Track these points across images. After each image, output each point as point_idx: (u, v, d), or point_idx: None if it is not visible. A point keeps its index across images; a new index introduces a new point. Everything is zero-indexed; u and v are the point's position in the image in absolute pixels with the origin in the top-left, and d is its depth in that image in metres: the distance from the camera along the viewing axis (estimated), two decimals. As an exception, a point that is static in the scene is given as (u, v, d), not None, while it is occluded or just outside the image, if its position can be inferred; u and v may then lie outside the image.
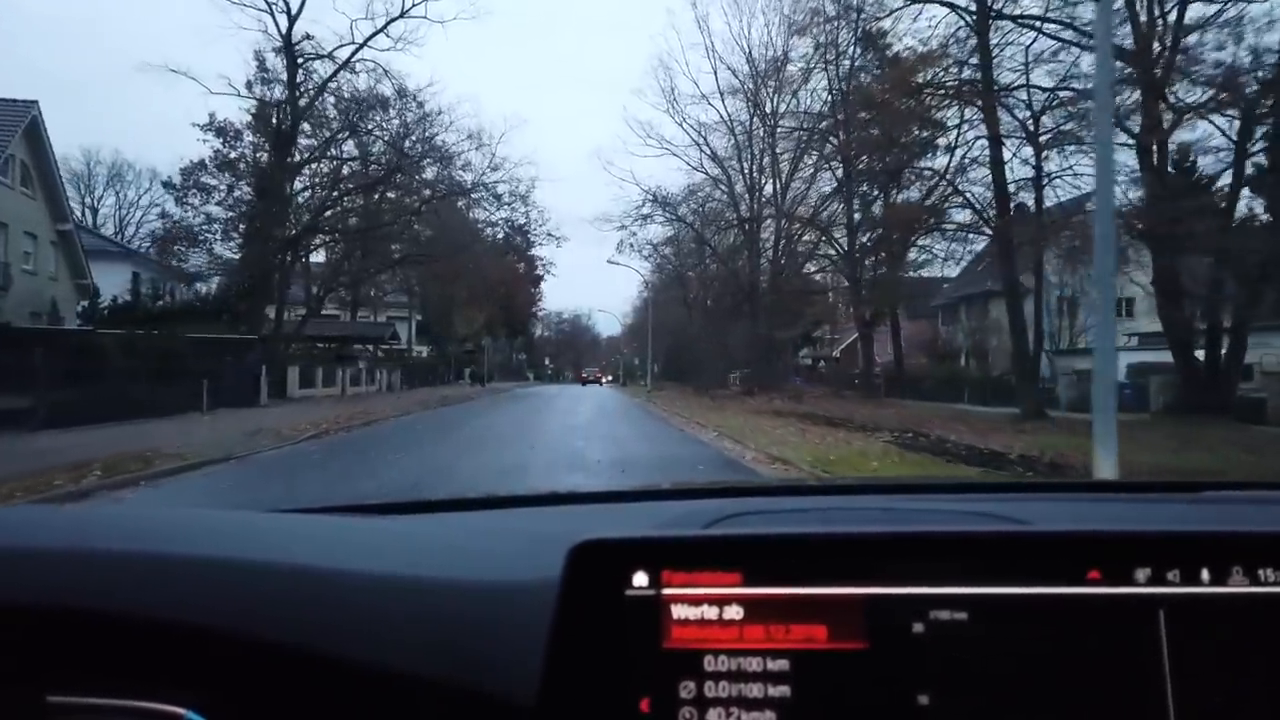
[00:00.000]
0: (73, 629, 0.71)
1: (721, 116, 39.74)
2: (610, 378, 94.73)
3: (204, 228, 30.51)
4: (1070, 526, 0.74)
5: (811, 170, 37.87)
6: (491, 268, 58.45)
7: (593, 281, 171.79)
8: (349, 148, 34.06)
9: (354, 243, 37.25)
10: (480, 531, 1.05)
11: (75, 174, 54.85)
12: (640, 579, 0.67)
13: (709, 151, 40.54)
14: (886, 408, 27.89)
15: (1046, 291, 36.46)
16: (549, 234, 60.59)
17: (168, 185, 30.71)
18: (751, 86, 37.96)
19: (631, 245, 46.49)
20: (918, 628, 0.66)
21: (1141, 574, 0.67)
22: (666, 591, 0.66)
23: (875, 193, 34.98)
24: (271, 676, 0.71)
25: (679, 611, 0.66)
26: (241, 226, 29.90)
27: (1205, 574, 0.67)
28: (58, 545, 0.80)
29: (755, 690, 0.65)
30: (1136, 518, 1.12)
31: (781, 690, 0.65)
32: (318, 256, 39.33)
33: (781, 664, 0.65)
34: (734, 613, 0.66)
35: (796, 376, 46.67)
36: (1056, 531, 0.73)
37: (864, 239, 36.40)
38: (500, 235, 59.48)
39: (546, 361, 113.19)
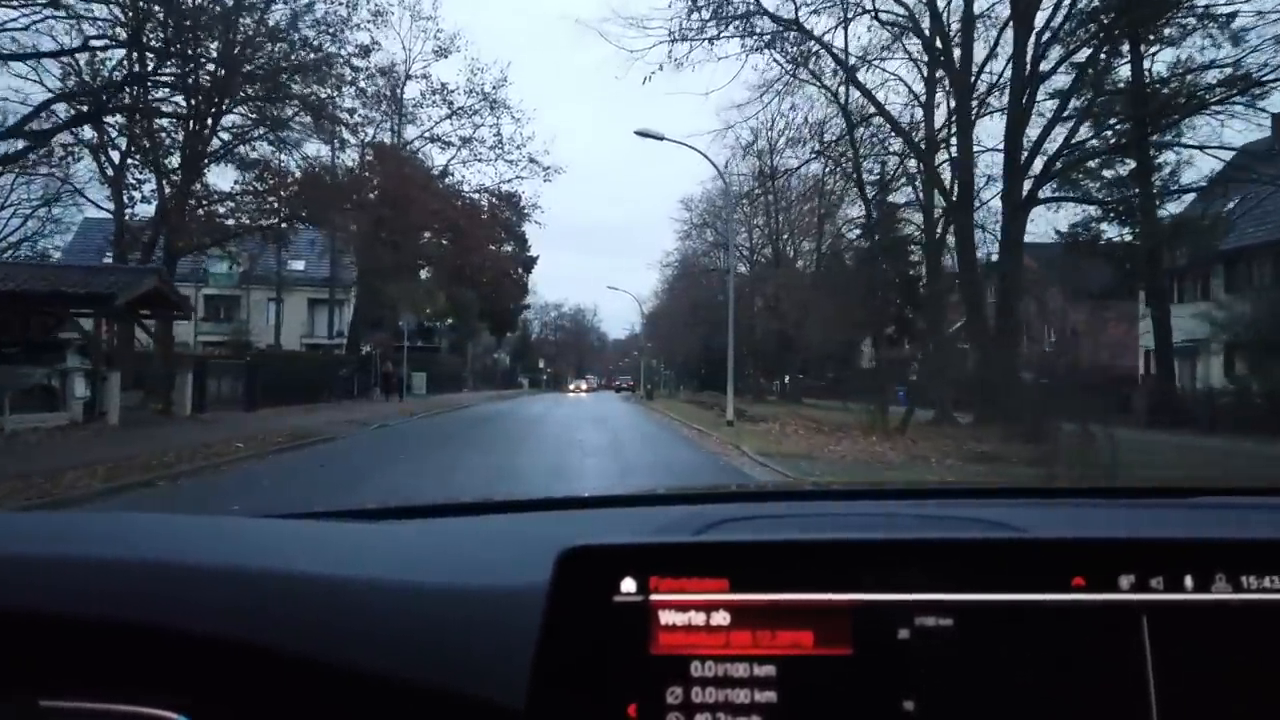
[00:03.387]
0: (65, 635, 0.72)
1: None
2: (621, 381, 77.41)
3: None
4: (1056, 533, 0.75)
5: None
6: (446, 209, 37.16)
7: (594, 270, 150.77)
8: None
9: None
10: (471, 537, 1.07)
11: None
12: (628, 585, 0.67)
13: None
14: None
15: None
16: (533, 160, 37.47)
17: None
18: None
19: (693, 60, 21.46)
20: (903, 634, 0.66)
21: (1125, 581, 0.68)
22: (654, 597, 0.67)
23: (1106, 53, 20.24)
24: (262, 681, 0.71)
25: (666, 617, 0.67)
26: None
27: (1188, 580, 0.68)
28: (50, 551, 0.81)
29: (742, 696, 0.65)
30: (1124, 524, 1.11)
31: (768, 696, 0.65)
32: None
33: (768, 670, 0.66)
34: (721, 619, 0.67)
35: (900, 388, 26.45)
36: (1040, 538, 0.74)
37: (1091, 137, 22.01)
38: (452, 159, 38.61)
39: (542, 364, 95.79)
